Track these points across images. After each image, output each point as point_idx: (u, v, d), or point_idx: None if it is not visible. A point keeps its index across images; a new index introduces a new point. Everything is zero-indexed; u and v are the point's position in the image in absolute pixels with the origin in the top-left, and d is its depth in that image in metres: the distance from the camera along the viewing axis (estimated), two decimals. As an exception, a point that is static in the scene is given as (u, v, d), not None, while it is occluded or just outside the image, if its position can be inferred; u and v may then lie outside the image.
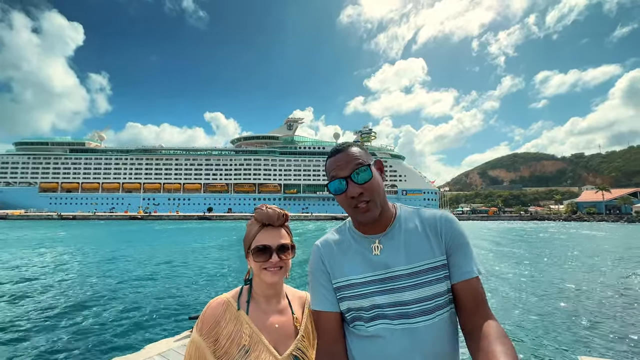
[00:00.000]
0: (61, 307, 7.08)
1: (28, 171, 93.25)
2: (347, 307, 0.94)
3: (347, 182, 0.91)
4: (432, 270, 0.90)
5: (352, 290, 0.93)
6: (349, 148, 0.95)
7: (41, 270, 11.52)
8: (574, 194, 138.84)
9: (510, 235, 29.86)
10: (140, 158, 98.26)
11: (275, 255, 1.00)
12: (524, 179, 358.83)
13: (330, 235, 1.05)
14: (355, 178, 0.90)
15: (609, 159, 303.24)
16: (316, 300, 0.99)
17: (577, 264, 13.40)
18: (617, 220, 63.37)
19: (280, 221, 1.04)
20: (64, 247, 18.44)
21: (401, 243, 0.93)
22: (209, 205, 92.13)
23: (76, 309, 7.02)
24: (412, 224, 0.96)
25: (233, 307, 1.00)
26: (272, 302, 1.05)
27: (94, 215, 67.51)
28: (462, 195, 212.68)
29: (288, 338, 1.02)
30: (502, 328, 0.82)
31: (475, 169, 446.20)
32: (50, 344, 5.15)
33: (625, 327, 6.32)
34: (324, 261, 0.99)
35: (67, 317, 6.49)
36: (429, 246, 0.92)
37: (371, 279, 0.92)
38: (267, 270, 1.00)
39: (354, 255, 0.97)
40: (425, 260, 0.90)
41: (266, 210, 1.03)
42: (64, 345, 5.10)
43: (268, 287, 1.03)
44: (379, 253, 0.94)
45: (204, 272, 11.32)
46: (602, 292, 8.81)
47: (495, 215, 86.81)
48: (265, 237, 1.01)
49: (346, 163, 0.92)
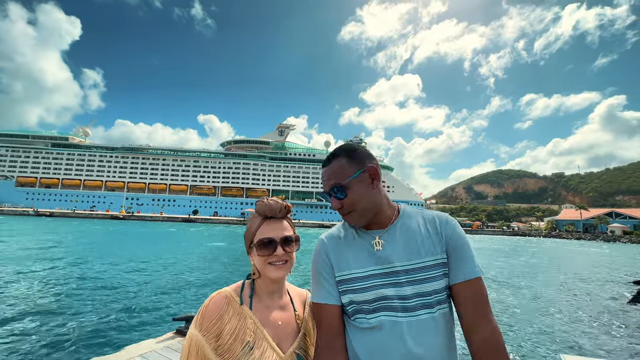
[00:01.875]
0: (36, 308, 6.78)
1: (5, 164, 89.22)
2: (350, 300, 0.95)
3: (329, 195, 0.99)
4: (432, 268, 0.93)
5: (355, 284, 0.95)
6: (333, 160, 1.00)
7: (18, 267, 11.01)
8: (554, 211, 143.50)
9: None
10: (125, 156, 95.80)
11: (280, 248, 0.97)
12: (507, 195, 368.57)
13: (335, 230, 1.07)
14: (334, 194, 0.98)
15: (587, 180, 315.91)
16: (318, 293, 0.99)
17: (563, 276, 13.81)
18: (593, 238, 65.64)
19: (283, 213, 1.01)
20: (39, 246, 17.70)
21: (402, 240, 0.97)
22: (195, 208, 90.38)
23: (51, 311, 6.74)
24: (414, 223, 1.00)
25: (236, 302, 0.96)
26: (274, 298, 1.02)
27: (73, 213, 65.13)
28: (447, 209, 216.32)
29: (290, 335, 0.99)
30: (501, 337, 0.86)
31: (461, 183, 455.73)
32: (27, 346, 4.91)
33: (601, 327, 6.84)
34: (328, 254, 1.00)
35: (43, 318, 6.22)
36: (429, 244, 0.95)
37: (375, 272, 0.94)
38: (272, 265, 0.97)
39: (358, 249, 0.99)
40: (425, 257, 0.93)
41: (268, 201, 1.00)
42: (41, 347, 4.88)
43: (272, 282, 1.00)
44: (381, 248, 0.96)
45: (187, 276, 11.08)
46: (579, 297, 9.12)
47: (479, 229, 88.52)
48: (269, 230, 0.98)
49: (327, 180, 0.99)
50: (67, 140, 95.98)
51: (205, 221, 66.82)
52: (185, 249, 19.72)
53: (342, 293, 0.97)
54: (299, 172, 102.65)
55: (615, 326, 7.28)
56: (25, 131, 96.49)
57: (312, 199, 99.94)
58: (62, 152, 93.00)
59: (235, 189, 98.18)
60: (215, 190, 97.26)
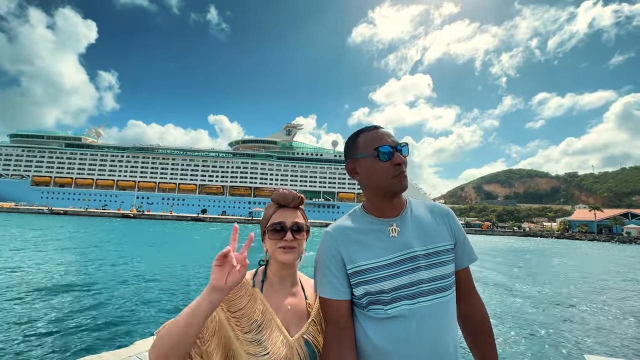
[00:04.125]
0: (46, 300, 6.93)
1: (21, 164, 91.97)
2: (365, 292, 0.95)
3: (394, 151, 0.99)
4: (445, 252, 0.99)
5: (371, 274, 0.95)
6: (386, 129, 1.05)
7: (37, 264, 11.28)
8: (567, 212, 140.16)
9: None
10: (136, 156, 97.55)
11: (290, 234, 1.02)
12: (518, 195, 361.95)
13: (342, 221, 1.06)
14: (401, 149, 1.00)
15: (602, 180, 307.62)
16: (325, 288, 0.99)
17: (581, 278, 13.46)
18: (608, 240, 63.89)
19: (296, 202, 1.07)
20: (59, 243, 18.11)
21: (417, 226, 1.01)
22: (203, 207, 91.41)
23: (61, 303, 6.86)
24: (421, 211, 1.05)
25: (248, 284, 1.02)
26: (286, 284, 1.07)
27: (86, 212, 66.53)
28: (456, 209, 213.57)
29: (300, 320, 1.03)
30: (487, 314, 1.05)
31: (470, 182, 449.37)
32: (22, 344, 5.01)
33: (629, 328, 6.63)
34: (338, 247, 0.99)
35: (54, 309, 6.34)
36: (442, 230, 1.02)
37: (392, 261, 0.95)
38: (281, 249, 1.02)
39: (373, 239, 0.99)
40: (440, 242, 0.99)
41: (282, 191, 1.07)
42: (33, 345, 4.98)
43: (282, 267, 1.05)
44: (397, 235, 0.98)
45: (198, 275, 11.17)
46: (604, 299, 8.86)
47: (489, 230, 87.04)
48: (281, 216, 1.04)
49: (390, 137, 1.01)
50: (80, 140, 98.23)
51: (214, 220, 67.48)
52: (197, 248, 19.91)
53: (355, 285, 0.97)
54: (307, 171, 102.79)
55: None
56: (40, 132, 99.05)
57: (320, 198, 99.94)
58: (75, 152, 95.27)
59: (243, 188, 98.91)
60: (223, 190, 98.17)
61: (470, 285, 1.06)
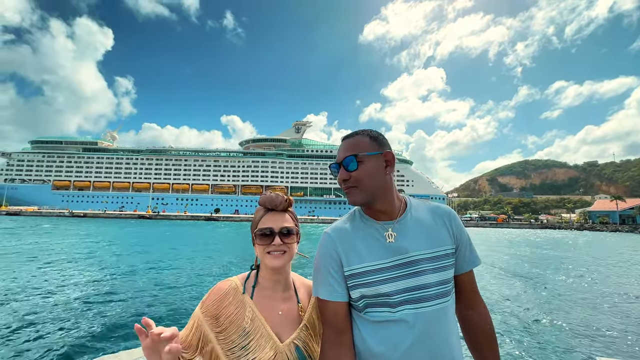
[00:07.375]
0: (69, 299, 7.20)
1: (42, 169, 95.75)
2: (360, 295, 0.93)
3: (339, 167, 0.97)
4: (444, 257, 0.95)
5: (367, 277, 0.93)
6: (355, 136, 0.99)
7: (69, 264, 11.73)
8: (587, 202, 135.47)
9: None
10: (150, 158, 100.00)
11: (278, 239, 1.00)
12: (534, 186, 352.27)
13: (340, 222, 1.04)
14: (345, 165, 0.96)
15: (624, 168, 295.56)
16: (323, 290, 0.96)
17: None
18: (631, 230, 61.50)
19: (284, 205, 1.04)
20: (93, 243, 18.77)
21: (417, 229, 0.97)
22: (217, 206, 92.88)
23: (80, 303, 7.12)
24: (423, 214, 1.01)
25: (239, 290, 1.00)
26: (277, 289, 1.04)
27: (104, 214, 68.71)
28: (470, 202, 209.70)
29: (291, 326, 1.00)
30: (491, 319, 1.02)
31: (484, 175, 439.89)
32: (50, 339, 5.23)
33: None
34: (336, 248, 0.97)
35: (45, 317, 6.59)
36: (443, 233, 0.98)
37: (390, 264, 0.93)
38: (270, 255, 1.00)
39: (370, 242, 0.97)
40: (440, 246, 0.96)
41: (269, 194, 1.04)
42: (36, 347, 5.18)
43: (273, 272, 1.02)
44: (394, 240, 0.95)
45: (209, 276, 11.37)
46: (618, 297, 8.58)
47: (505, 222, 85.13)
48: (269, 221, 1.02)
49: (343, 151, 0.98)
50: (96, 144, 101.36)
51: (227, 219, 68.51)
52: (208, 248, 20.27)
53: (352, 287, 0.95)
54: (317, 168, 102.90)
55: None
56: (59, 137, 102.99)
57: (331, 195, 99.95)
58: (92, 156, 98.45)
59: (255, 186, 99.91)
60: (235, 189, 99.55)
61: (474, 289, 1.03)
